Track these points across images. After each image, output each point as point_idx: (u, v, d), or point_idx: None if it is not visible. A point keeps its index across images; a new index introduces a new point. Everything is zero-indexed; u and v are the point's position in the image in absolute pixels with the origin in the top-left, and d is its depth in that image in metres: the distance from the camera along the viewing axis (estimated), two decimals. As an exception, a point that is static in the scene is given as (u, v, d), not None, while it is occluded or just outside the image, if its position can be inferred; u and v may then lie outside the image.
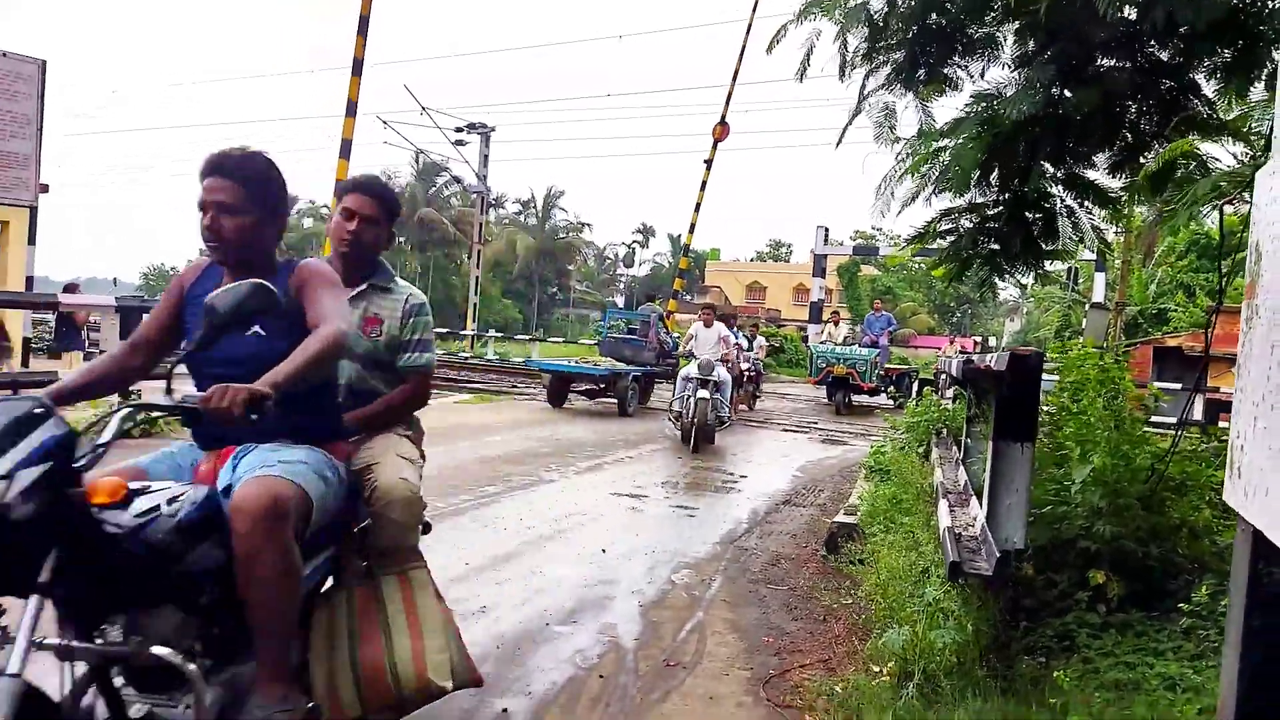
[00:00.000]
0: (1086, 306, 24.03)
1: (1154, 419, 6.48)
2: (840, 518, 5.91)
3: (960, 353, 21.93)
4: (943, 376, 10.59)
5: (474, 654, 3.58)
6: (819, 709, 3.30)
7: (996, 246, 6.11)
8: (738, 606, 4.59)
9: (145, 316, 2.58)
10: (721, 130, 25.46)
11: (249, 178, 2.31)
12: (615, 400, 13.85)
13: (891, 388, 18.72)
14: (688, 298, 42.75)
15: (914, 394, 17.91)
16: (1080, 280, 30.74)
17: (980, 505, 3.66)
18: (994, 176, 5.70)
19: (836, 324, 20.26)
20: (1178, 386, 16.80)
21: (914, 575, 3.94)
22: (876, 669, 3.53)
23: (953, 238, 6.19)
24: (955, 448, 6.17)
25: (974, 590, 3.28)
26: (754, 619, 4.40)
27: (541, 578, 4.81)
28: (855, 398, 17.58)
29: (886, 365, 18.72)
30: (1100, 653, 3.47)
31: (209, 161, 2.30)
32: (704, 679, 3.58)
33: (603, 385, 14.12)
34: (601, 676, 3.52)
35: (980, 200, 5.97)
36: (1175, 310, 27.06)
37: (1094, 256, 20.49)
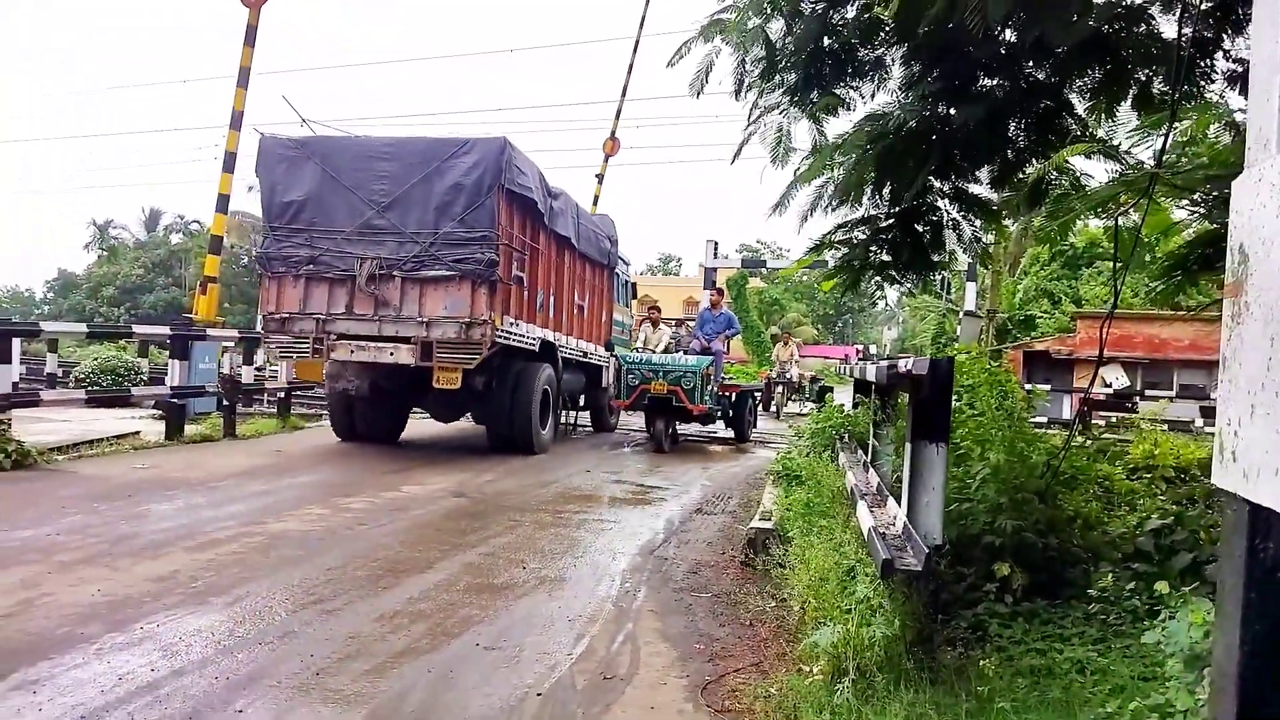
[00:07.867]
0: (960, 315, 25.26)
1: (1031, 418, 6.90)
2: (756, 523, 6.04)
3: (788, 359, 22.05)
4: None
5: (401, 684, 3.51)
6: (758, 711, 3.37)
7: (888, 257, 6.43)
8: (665, 616, 4.63)
9: None
10: (612, 145, 25.86)
11: None
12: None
13: (731, 413, 13.36)
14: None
15: (763, 414, 16.80)
16: (953, 290, 32.39)
17: (900, 504, 3.82)
18: (886, 191, 6.00)
19: (656, 325, 14.45)
20: (1048, 387, 18.00)
21: (840, 575, 4.07)
22: (807, 669, 3.63)
23: (847, 249, 6.48)
24: (861, 451, 6.40)
25: (899, 586, 3.41)
26: (683, 627, 4.44)
27: (462, 594, 4.73)
28: (682, 428, 12.88)
29: (723, 381, 13.23)
30: (1012, 641, 3.67)
31: None
32: (643, 689, 3.60)
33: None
34: (539, 695, 3.50)
35: (874, 213, 6.27)
36: (1041, 316, 28.91)
37: (965, 268, 21.58)
